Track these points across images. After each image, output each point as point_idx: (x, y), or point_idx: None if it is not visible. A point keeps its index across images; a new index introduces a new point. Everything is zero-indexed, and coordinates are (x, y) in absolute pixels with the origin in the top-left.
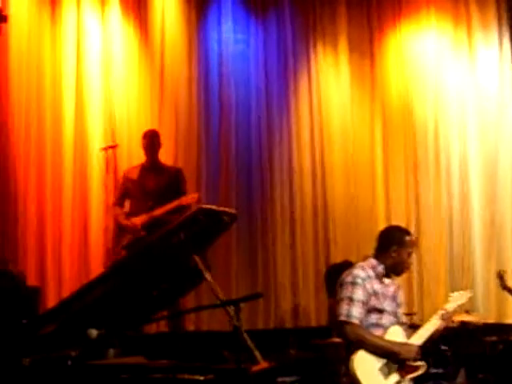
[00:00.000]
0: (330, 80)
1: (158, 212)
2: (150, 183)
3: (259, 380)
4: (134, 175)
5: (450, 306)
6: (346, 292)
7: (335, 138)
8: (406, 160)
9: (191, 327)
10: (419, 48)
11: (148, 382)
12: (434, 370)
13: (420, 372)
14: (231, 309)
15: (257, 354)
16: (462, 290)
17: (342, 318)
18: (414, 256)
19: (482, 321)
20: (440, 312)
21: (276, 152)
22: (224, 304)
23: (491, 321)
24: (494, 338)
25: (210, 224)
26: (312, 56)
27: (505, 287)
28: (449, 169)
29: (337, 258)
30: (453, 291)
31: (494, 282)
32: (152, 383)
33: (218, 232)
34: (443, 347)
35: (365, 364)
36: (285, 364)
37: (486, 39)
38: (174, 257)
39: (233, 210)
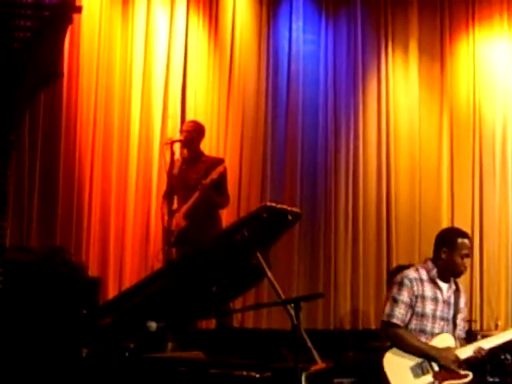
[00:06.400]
0: (399, 83)
1: (194, 197)
2: (191, 175)
3: (316, 380)
4: (176, 170)
5: None
6: (392, 292)
7: (402, 140)
8: (473, 165)
9: (250, 325)
10: (490, 54)
11: (204, 376)
12: (490, 379)
13: (462, 381)
14: (291, 307)
15: (315, 353)
16: None
17: (385, 317)
18: (475, 262)
19: None
20: None
21: (342, 153)
22: (284, 302)
23: None
24: None
25: (274, 222)
26: (382, 58)
27: None
28: None
29: (399, 260)
30: None
31: None
32: (208, 378)
33: (281, 230)
34: (503, 356)
35: (396, 362)
36: (342, 365)
37: None
38: (236, 253)
39: (297, 209)
